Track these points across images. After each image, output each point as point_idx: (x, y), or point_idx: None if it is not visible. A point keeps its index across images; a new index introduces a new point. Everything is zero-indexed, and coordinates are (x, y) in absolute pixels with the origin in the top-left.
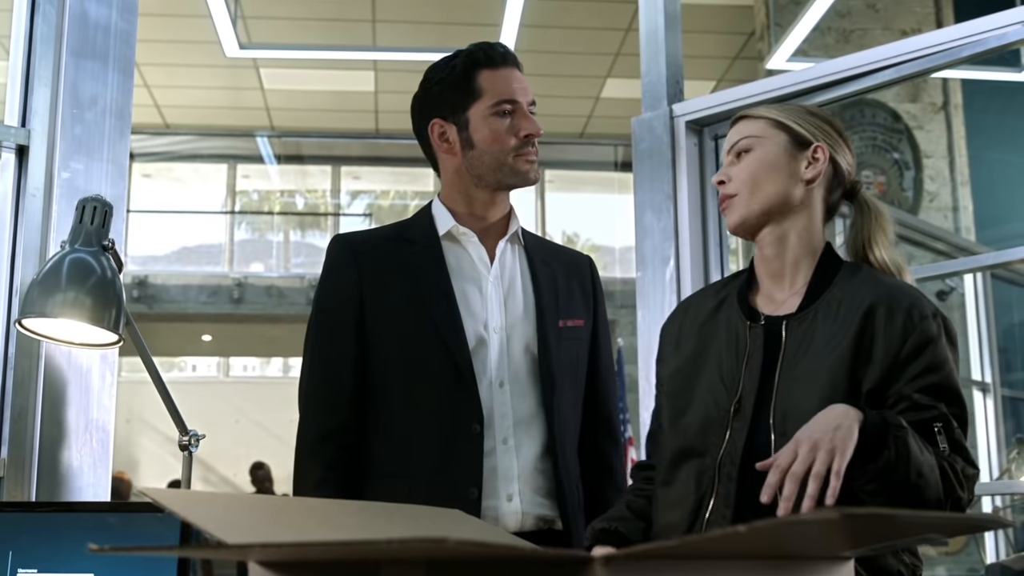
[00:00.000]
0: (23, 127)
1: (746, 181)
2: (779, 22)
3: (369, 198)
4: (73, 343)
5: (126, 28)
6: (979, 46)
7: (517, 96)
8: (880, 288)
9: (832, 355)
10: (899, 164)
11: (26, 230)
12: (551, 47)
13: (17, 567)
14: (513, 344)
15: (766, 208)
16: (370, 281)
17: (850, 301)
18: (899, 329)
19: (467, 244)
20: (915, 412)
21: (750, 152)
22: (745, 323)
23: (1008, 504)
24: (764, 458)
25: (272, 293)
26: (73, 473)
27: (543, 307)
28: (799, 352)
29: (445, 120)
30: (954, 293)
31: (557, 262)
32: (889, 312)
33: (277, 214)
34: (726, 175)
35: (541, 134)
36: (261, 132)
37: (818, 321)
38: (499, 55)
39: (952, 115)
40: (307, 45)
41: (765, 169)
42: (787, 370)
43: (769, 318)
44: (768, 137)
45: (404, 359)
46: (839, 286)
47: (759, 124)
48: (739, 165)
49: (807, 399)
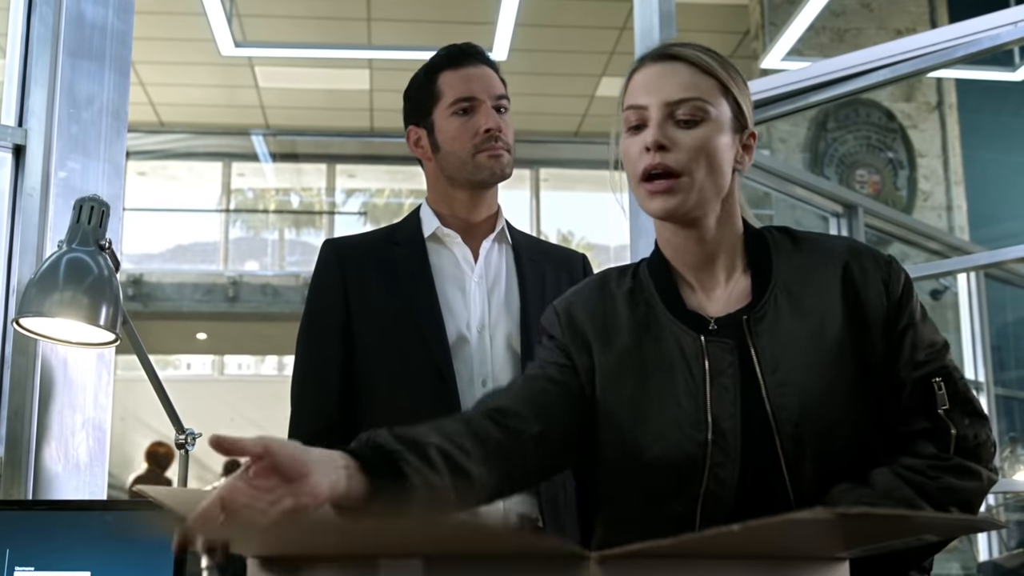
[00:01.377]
0: (20, 127)
1: (696, 162)
2: (774, 21)
3: (364, 196)
4: (70, 342)
5: (122, 28)
6: (973, 46)
7: (475, 92)
8: (836, 246)
9: (825, 338)
10: (893, 163)
11: (23, 229)
12: (546, 45)
13: (14, 565)
14: (496, 343)
15: (711, 199)
16: (355, 284)
17: (807, 274)
18: (879, 286)
19: (451, 245)
20: (916, 369)
21: (703, 123)
22: (696, 337)
23: (1001, 503)
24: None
25: (267, 291)
26: (70, 471)
27: (528, 305)
28: (776, 352)
29: (417, 126)
30: (948, 292)
31: (547, 260)
32: (862, 270)
33: (272, 212)
34: (669, 139)
35: (501, 128)
36: (256, 130)
37: (781, 309)
38: (459, 54)
39: (946, 115)
40: (302, 43)
41: (715, 155)
42: (771, 378)
43: (720, 320)
44: (717, 107)
45: (387, 360)
46: (782, 263)
47: (706, 82)
48: (687, 134)
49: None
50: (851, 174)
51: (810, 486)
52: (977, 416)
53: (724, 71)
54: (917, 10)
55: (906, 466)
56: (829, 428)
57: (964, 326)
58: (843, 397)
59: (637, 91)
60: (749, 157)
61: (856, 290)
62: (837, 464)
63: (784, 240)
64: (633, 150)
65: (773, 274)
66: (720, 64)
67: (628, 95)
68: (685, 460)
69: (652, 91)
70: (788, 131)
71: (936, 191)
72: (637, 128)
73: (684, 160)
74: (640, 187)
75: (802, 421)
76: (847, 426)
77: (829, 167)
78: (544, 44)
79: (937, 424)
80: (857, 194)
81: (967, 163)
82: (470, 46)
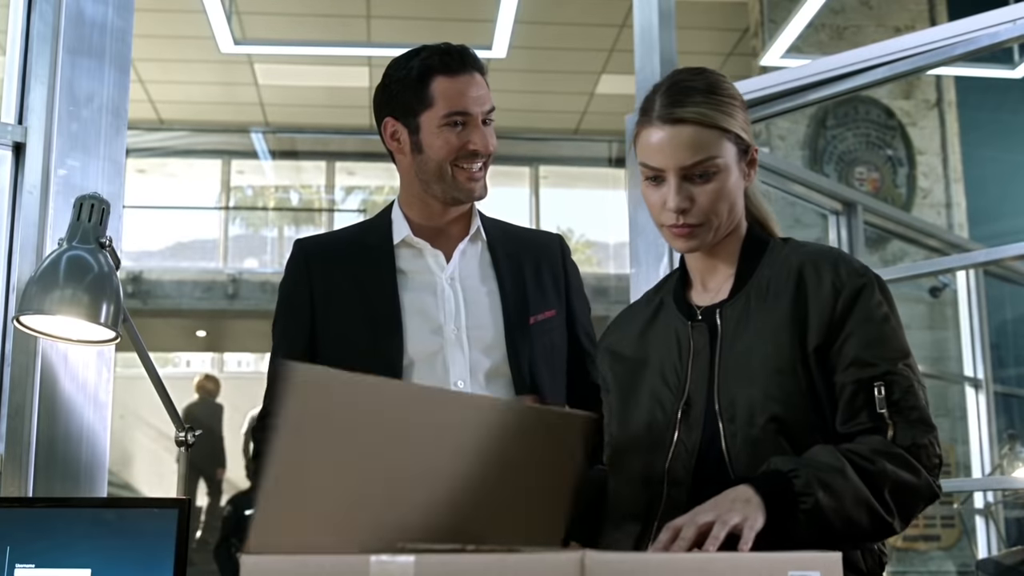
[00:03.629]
0: (20, 124)
1: (716, 211)
2: (773, 19)
3: (363, 194)
4: (71, 340)
5: (122, 26)
6: (972, 44)
7: (470, 108)
8: (805, 251)
9: (772, 329)
10: (892, 161)
11: (23, 227)
12: (545, 43)
13: (15, 562)
14: (474, 344)
15: (726, 231)
16: (320, 286)
17: (778, 274)
18: (829, 286)
19: (422, 251)
20: (857, 370)
21: (715, 177)
22: (686, 323)
23: (1000, 500)
24: (717, 457)
25: (266, 289)
26: (70, 469)
27: (508, 306)
28: (736, 336)
29: (397, 120)
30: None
31: (525, 251)
32: (816, 271)
33: (271, 210)
34: (689, 199)
35: (490, 151)
36: (255, 128)
37: (751, 301)
38: (456, 61)
39: (946, 112)
40: (301, 41)
41: (732, 195)
42: (726, 357)
43: (705, 310)
44: (725, 156)
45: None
46: (766, 264)
47: (712, 136)
48: (704, 190)
49: (753, 380)
50: (850, 171)
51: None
52: (920, 423)
53: (723, 112)
54: (916, 7)
55: (848, 447)
56: (754, 410)
57: (963, 324)
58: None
59: (650, 152)
60: (754, 171)
61: (805, 289)
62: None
63: (778, 245)
64: (654, 201)
65: (753, 276)
66: (718, 106)
67: (640, 151)
68: (661, 425)
69: (666, 155)
70: (787, 128)
71: (935, 188)
72: (655, 180)
73: (704, 212)
74: (664, 229)
75: (733, 401)
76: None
77: (828, 164)
78: (543, 41)
79: (876, 424)
80: (856, 191)
81: (966, 161)
82: (465, 51)
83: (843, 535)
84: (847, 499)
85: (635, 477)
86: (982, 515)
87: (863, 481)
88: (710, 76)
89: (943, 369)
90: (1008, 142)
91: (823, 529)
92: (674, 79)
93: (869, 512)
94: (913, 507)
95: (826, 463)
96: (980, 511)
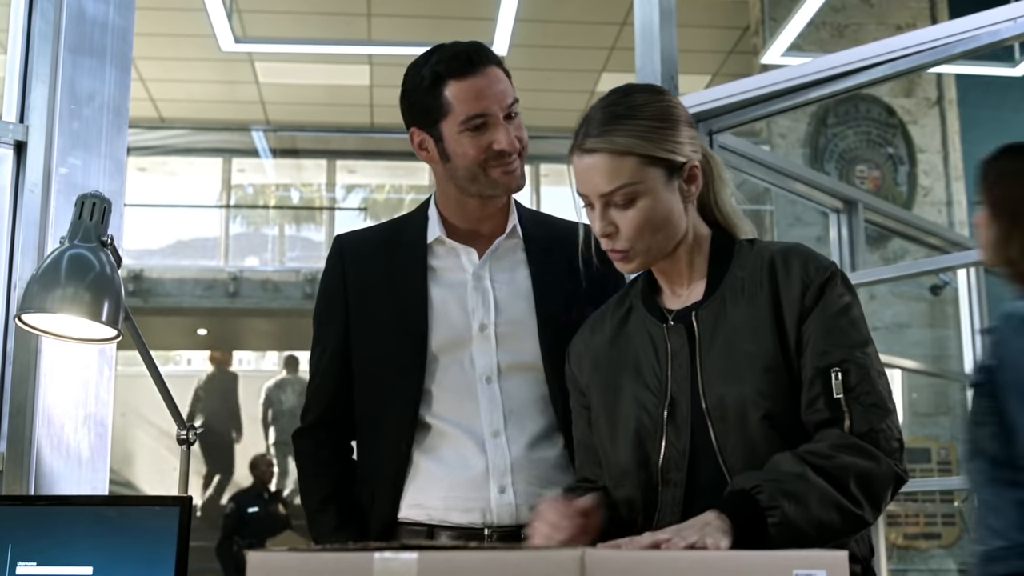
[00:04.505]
0: (21, 123)
1: (641, 235)
2: (774, 17)
3: (364, 192)
4: (72, 338)
5: (123, 24)
6: (972, 42)
7: (488, 108)
8: (774, 249)
9: (753, 327)
10: (893, 159)
11: (24, 226)
12: (546, 41)
13: (16, 560)
14: (503, 340)
15: (665, 250)
16: (354, 282)
17: (751, 273)
18: (798, 282)
19: (456, 248)
20: (815, 358)
21: (636, 202)
22: (660, 326)
23: None
24: (710, 456)
25: (267, 287)
26: (71, 467)
27: (543, 303)
28: (715, 336)
29: (421, 129)
30: (947, 288)
31: (559, 246)
32: (785, 264)
33: (272, 208)
34: (612, 225)
35: (516, 148)
36: (256, 126)
37: (726, 302)
38: (465, 61)
39: (946, 110)
40: (302, 39)
41: (659, 219)
42: (708, 356)
43: (679, 313)
44: (647, 181)
45: (380, 360)
46: (737, 265)
47: (627, 164)
48: (626, 216)
49: (741, 378)
50: (851, 170)
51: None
52: (876, 407)
53: (643, 139)
54: (917, 5)
55: (804, 449)
56: (746, 408)
57: (963, 321)
58: (761, 380)
59: (578, 180)
60: (696, 185)
61: (777, 284)
62: (759, 443)
63: (746, 247)
64: (593, 224)
65: (725, 278)
66: (638, 134)
67: (573, 179)
68: (648, 428)
69: (587, 184)
70: (788, 127)
71: (936, 187)
72: (589, 206)
73: (630, 237)
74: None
75: (723, 400)
76: (763, 408)
77: (829, 163)
78: (544, 40)
79: (834, 413)
80: (857, 190)
81: (967, 159)
82: (475, 49)
83: (818, 538)
84: (813, 503)
85: (630, 483)
86: None
87: (826, 480)
88: (636, 98)
89: (943, 367)
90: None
91: (797, 537)
92: (599, 105)
93: (838, 509)
94: (880, 494)
95: (787, 472)
96: None
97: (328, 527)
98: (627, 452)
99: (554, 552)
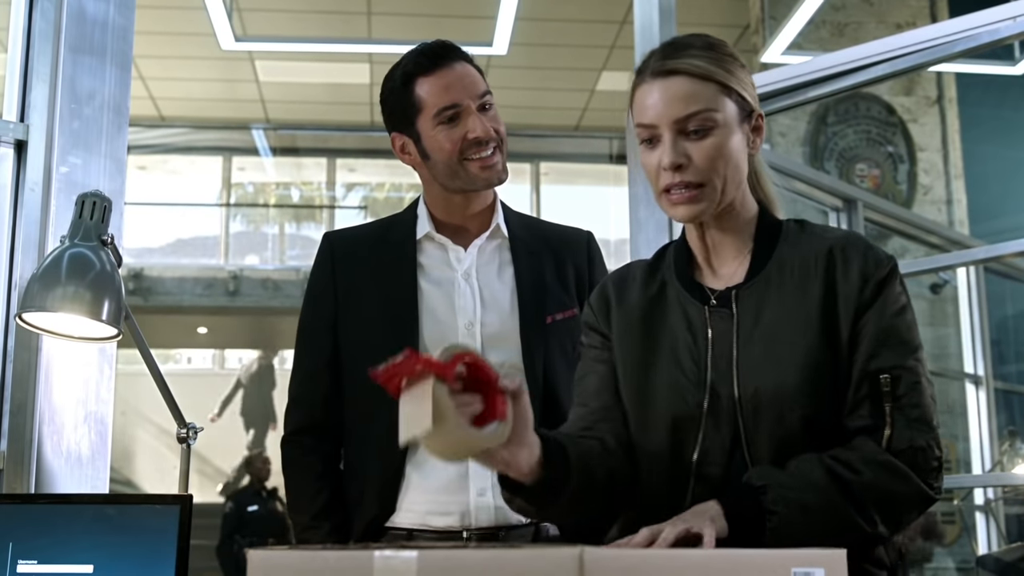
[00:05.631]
0: (22, 122)
1: (715, 168)
2: (774, 15)
3: (364, 190)
4: (72, 337)
5: (123, 23)
6: (972, 41)
7: (457, 98)
8: (832, 235)
9: (802, 319)
10: (893, 157)
11: (25, 225)
12: (546, 40)
13: (17, 559)
14: (487, 340)
15: (731, 193)
16: (343, 280)
17: (803, 257)
18: (856, 271)
19: (444, 245)
20: (866, 361)
21: (713, 131)
22: (700, 306)
23: (1000, 496)
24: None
25: (267, 286)
26: (72, 465)
27: (525, 303)
28: (756, 323)
29: (401, 133)
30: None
31: (547, 249)
32: (844, 255)
33: (272, 206)
34: (684, 156)
35: (492, 136)
36: (256, 125)
37: (771, 286)
38: (431, 56)
39: (946, 109)
40: (302, 38)
41: (732, 156)
42: (745, 344)
43: (719, 294)
44: (724, 111)
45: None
46: (785, 246)
47: (708, 89)
48: (700, 146)
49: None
50: (851, 168)
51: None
52: (921, 423)
53: (722, 68)
54: (917, 4)
55: (834, 455)
56: (783, 403)
57: (963, 320)
58: (803, 376)
59: (644, 110)
60: (760, 138)
61: (834, 276)
62: (791, 442)
63: (794, 228)
64: (651, 164)
65: (772, 258)
66: (716, 62)
67: (636, 112)
68: (685, 418)
69: (659, 110)
70: (788, 125)
71: (936, 185)
72: (651, 142)
73: (702, 171)
74: (663, 197)
75: (757, 392)
76: (802, 405)
77: (829, 161)
78: (544, 38)
79: (876, 420)
80: (857, 188)
81: (967, 157)
82: (441, 45)
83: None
84: (821, 516)
85: (658, 468)
86: (982, 511)
87: (846, 496)
88: (710, 37)
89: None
90: (1009, 139)
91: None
92: (667, 41)
93: (849, 527)
94: (901, 517)
95: (805, 478)
96: (980, 507)
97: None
98: (659, 438)
99: (553, 551)
